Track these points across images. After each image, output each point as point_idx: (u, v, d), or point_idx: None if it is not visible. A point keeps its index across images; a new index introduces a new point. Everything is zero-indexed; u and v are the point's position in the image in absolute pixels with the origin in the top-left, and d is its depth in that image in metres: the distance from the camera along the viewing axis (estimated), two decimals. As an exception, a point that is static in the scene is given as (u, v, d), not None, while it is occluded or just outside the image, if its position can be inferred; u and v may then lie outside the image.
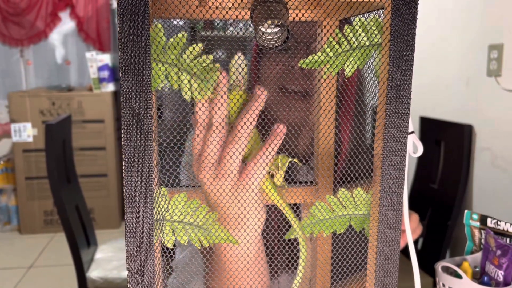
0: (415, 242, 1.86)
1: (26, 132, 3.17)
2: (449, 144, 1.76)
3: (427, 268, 1.66)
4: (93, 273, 1.74)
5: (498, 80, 1.53)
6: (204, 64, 0.38)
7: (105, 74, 3.30)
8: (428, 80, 1.90)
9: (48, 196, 3.25)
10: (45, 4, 3.64)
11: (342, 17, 0.43)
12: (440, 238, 1.70)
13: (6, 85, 3.74)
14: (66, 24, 3.72)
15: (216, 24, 0.63)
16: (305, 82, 0.54)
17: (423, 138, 1.84)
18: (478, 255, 0.66)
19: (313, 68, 0.38)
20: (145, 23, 0.33)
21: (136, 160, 0.34)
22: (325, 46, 0.37)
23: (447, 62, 1.80)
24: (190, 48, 0.37)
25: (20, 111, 3.16)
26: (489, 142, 1.61)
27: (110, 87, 3.33)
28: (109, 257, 1.89)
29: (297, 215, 0.50)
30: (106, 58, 3.29)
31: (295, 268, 0.46)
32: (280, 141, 0.42)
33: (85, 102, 3.27)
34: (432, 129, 1.84)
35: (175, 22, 0.42)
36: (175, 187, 0.44)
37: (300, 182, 0.51)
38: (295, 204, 0.52)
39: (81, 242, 1.77)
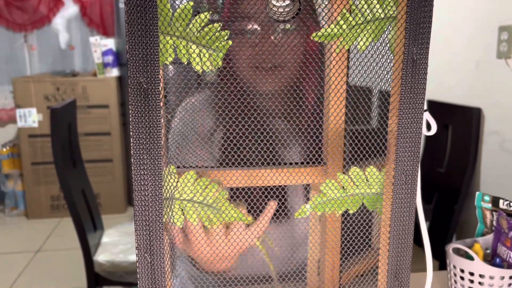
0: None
1: (31, 118, 3.18)
2: (457, 128, 1.74)
3: (434, 252, 1.65)
4: (100, 256, 1.76)
5: (508, 62, 1.51)
6: (212, 33, 0.36)
7: (109, 59, 3.28)
8: (436, 63, 1.87)
9: (54, 181, 3.26)
10: (48, -12, 3.61)
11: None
12: (447, 222, 1.69)
13: (10, 70, 3.73)
14: (69, 8, 3.69)
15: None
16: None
17: (430, 121, 1.82)
18: (490, 237, 0.65)
19: (325, 41, 0.37)
20: (152, -7, 0.31)
21: (144, 137, 0.33)
22: (339, 18, 0.36)
23: (456, 44, 1.76)
24: (197, 18, 0.36)
25: (24, 96, 3.15)
26: (498, 125, 1.59)
27: (114, 72, 3.31)
28: (115, 241, 1.90)
29: (307, 196, 0.50)
30: (110, 43, 3.27)
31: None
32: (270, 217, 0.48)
33: (90, 87, 3.26)
34: (439, 113, 1.82)
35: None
36: (184, 167, 0.43)
37: (308, 163, 0.50)
38: (308, 185, 0.51)
39: (87, 226, 1.77)
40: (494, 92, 1.59)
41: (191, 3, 0.35)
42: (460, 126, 1.72)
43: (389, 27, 0.38)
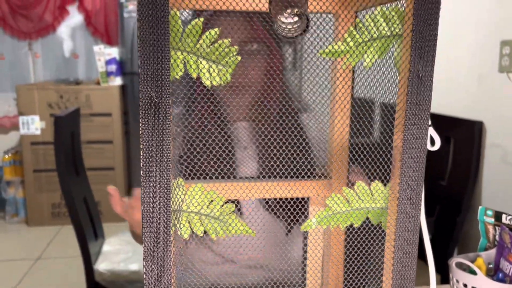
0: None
1: (34, 125, 3.19)
2: (459, 141, 1.75)
3: (436, 265, 1.64)
4: (101, 265, 1.75)
5: (510, 76, 1.52)
6: (221, 49, 0.37)
7: (113, 67, 3.30)
8: (438, 76, 1.88)
9: (55, 188, 3.26)
10: (54, -3, 3.64)
11: (360, 9, 0.43)
12: (449, 234, 1.69)
13: (14, 78, 3.76)
14: (74, 17, 3.72)
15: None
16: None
17: (432, 134, 1.83)
18: (492, 251, 0.66)
19: (333, 58, 0.37)
20: (165, 10, 0.32)
21: (154, 150, 0.34)
22: (346, 35, 0.37)
23: (458, 57, 1.78)
24: (207, 34, 0.37)
25: (28, 103, 3.17)
26: (500, 139, 1.59)
27: (117, 81, 3.33)
28: (116, 250, 1.90)
29: (305, 209, 0.50)
30: (114, 52, 3.29)
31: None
32: None
33: (93, 95, 3.27)
34: (441, 126, 1.82)
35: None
36: (192, 178, 0.43)
37: (313, 175, 0.51)
38: (302, 198, 0.52)
39: (89, 234, 1.77)
40: (496, 106, 1.59)
41: (202, 19, 0.36)
42: (462, 139, 1.72)
43: (395, 44, 0.38)
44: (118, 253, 1.87)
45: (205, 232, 0.40)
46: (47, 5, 3.64)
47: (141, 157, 0.34)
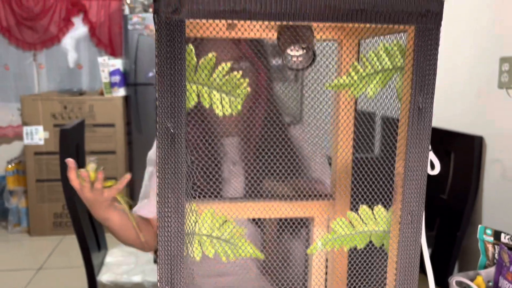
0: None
1: (38, 135, 3.21)
2: (459, 155, 1.76)
3: (436, 278, 1.65)
4: (104, 277, 1.76)
5: (510, 93, 1.54)
6: (233, 81, 0.39)
7: (117, 78, 3.34)
8: (438, 90, 1.90)
9: (57, 198, 3.28)
10: (59, 9, 3.69)
11: (364, 37, 0.45)
12: (449, 249, 1.70)
13: (19, 88, 3.79)
14: (79, 29, 3.76)
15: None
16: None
17: (433, 148, 1.85)
18: (492, 269, 0.67)
19: (338, 91, 0.40)
20: (182, 48, 0.34)
21: (170, 177, 0.36)
22: (350, 70, 0.39)
23: (458, 73, 1.80)
24: (220, 67, 0.39)
25: (32, 114, 3.20)
26: (500, 154, 1.61)
27: (121, 92, 3.37)
28: (119, 261, 1.91)
29: (307, 226, 0.52)
30: (118, 63, 3.33)
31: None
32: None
33: (97, 106, 3.30)
34: (442, 140, 1.84)
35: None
36: (201, 198, 0.45)
37: (316, 196, 0.53)
38: (301, 220, 0.54)
39: (92, 245, 1.78)
40: (496, 122, 1.61)
41: (215, 54, 0.38)
42: (462, 154, 1.74)
43: (397, 77, 0.41)
44: (121, 264, 1.88)
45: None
46: (53, 17, 3.69)
47: (157, 184, 0.36)
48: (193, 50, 0.37)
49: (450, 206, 1.76)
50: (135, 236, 1.04)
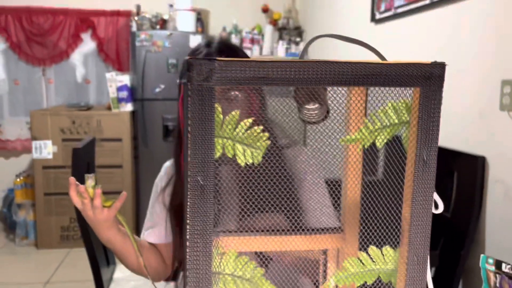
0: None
1: (47, 149, 3.27)
2: (462, 175, 1.80)
3: (440, 297, 1.68)
4: (113, 293, 1.79)
5: (511, 114, 1.58)
6: (254, 135, 0.43)
7: (124, 94, 3.39)
8: (442, 111, 1.94)
9: (65, 212, 3.32)
10: (68, 25, 3.77)
11: (370, 86, 0.49)
12: (453, 267, 1.73)
13: (28, 102, 3.86)
14: (87, 44, 3.84)
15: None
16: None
17: (436, 167, 1.88)
18: (493, 298, 0.70)
19: (350, 144, 0.44)
20: (212, 109, 0.39)
21: (199, 225, 0.40)
22: (361, 127, 0.43)
23: (460, 94, 1.84)
24: (242, 123, 0.43)
25: (41, 128, 3.26)
26: (502, 174, 1.64)
27: (128, 107, 3.42)
28: (127, 277, 1.94)
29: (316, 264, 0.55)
30: (125, 79, 3.39)
31: None
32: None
33: (104, 121, 3.36)
34: (445, 159, 1.88)
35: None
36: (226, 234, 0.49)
37: (327, 229, 0.56)
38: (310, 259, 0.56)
39: (101, 260, 1.82)
40: (498, 142, 1.65)
41: (238, 112, 0.43)
42: (465, 173, 1.77)
43: (403, 130, 0.45)
44: (130, 280, 1.91)
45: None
46: (62, 33, 3.77)
47: (187, 231, 0.40)
48: (220, 109, 0.41)
49: (454, 225, 1.79)
50: (137, 261, 1.04)
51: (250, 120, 0.43)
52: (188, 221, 0.40)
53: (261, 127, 0.43)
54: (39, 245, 3.33)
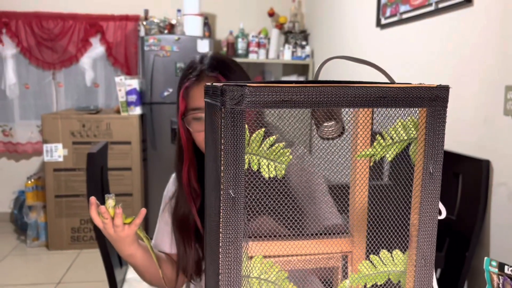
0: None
1: (57, 152, 3.33)
2: (467, 177, 1.84)
3: (446, 297, 1.72)
4: (126, 293, 1.84)
5: (515, 119, 1.62)
6: (277, 151, 0.48)
7: (133, 98, 3.45)
8: (448, 116, 1.98)
9: (75, 213, 3.39)
10: (77, 30, 3.84)
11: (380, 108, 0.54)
12: (458, 268, 1.77)
13: (38, 106, 3.93)
14: (96, 49, 3.91)
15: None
16: None
17: (442, 170, 1.92)
18: (496, 298, 0.75)
19: (365, 159, 0.48)
20: (242, 130, 0.44)
21: (231, 235, 0.45)
22: (375, 143, 0.48)
23: (465, 99, 1.88)
24: (267, 140, 0.48)
25: (52, 132, 3.32)
26: (506, 177, 1.68)
27: (137, 111, 3.48)
28: (139, 278, 1.99)
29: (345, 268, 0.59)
30: (134, 83, 3.45)
31: None
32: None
33: (113, 124, 3.42)
34: (450, 162, 1.92)
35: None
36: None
37: (337, 233, 0.61)
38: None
39: (114, 261, 1.87)
40: (502, 146, 1.69)
41: (263, 129, 0.47)
42: (470, 176, 1.82)
43: (410, 146, 0.49)
44: (142, 281, 1.96)
45: None
46: (71, 37, 3.83)
47: (221, 238, 0.45)
48: (247, 129, 0.46)
49: (459, 227, 1.83)
50: (157, 272, 1.08)
51: (274, 137, 0.48)
52: (221, 230, 0.45)
53: (282, 144, 0.48)
54: (50, 246, 3.39)
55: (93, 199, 0.95)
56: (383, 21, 2.61)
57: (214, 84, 0.47)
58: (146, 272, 1.11)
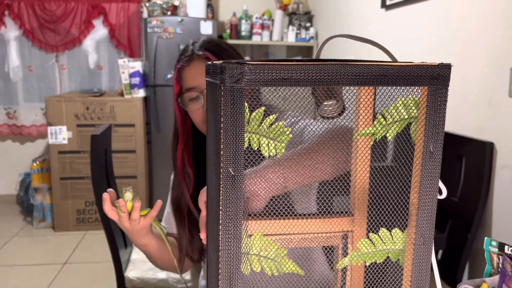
0: (436, 252, 1.94)
1: (62, 135, 3.34)
2: (471, 160, 1.83)
3: (447, 278, 1.74)
4: (130, 273, 1.87)
5: (520, 101, 1.60)
6: (277, 130, 0.48)
7: (137, 80, 3.44)
8: (452, 97, 1.97)
9: (80, 196, 3.42)
10: (80, 12, 3.81)
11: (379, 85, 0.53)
12: (460, 250, 1.78)
13: (42, 88, 3.93)
14: (99, 31, 3.88)
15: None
16: None
17: (445, 152, 1.91)
18: (496, 277, 0.76)
19: (365, 138, 0.48)
20: (242, 108, 0.44)
21: (231, 211, 0.45)
22: (375, 122, 0.48)
23: (469, 81, 1.86)
24: (267, 119, 0.48)
25: (56, 115, 3.33)
26: (510, 160, 1.67)
27: (141, 93, 3.47)
28: (144, 258, 2.01)
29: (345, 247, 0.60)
30: (137, 65, 3.44)
31: None
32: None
33: (117, 107, 3.42)
34: (454, 144, 1.91)
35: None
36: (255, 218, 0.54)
37: (338, 213, 0.61)
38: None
39: (119, 242, 1.89)
40: (507, 129, 1.68)
41: (263, 108, 0.47)
42: (474, 158, 1.81)
43: (411, 124, 0.49)
44: (146, 261, 1.98)
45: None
46: (74, 19, 3.81)
47: (220, 216, 0.45)
48: (247, 107, 0.46)
49: (461, 209, 1.84)
50: (170, 259, 1.11)
51: (275, 116, 0.48)
52: (221, 207, 0.45)
53: (282, 123, 0.48)
54: (56, 227, 3.44)
55: (106, 195, 0.93)
56: (388, 2, 2.58)
57: (214, 62, 0.47)
58: (158, 259, 1.13)
